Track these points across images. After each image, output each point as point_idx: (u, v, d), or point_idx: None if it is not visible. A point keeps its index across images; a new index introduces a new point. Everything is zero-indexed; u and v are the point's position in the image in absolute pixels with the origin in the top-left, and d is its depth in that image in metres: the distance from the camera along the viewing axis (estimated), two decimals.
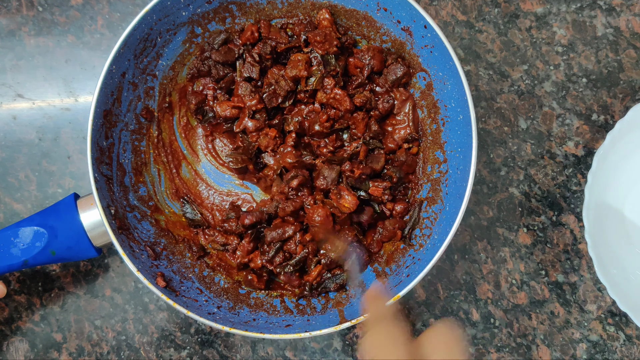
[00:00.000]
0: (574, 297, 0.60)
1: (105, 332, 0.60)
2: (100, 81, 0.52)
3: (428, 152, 0.58)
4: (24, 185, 0.62)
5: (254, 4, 0.58)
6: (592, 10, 0.63)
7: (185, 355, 0.60)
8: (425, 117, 0.58)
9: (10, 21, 0.64)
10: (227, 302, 0.55)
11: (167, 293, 0.51)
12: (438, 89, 0.56)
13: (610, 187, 0.59)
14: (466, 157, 0.52)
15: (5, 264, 0.52)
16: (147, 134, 0.58)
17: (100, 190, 0.51)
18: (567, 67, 0.63)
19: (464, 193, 0.51)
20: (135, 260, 0.51)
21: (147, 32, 0.54)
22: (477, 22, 0.63)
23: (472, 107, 0.51)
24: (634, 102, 0.62)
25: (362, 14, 0.58)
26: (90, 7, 0.64)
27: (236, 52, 0.58)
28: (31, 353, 0.60)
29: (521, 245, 0.61)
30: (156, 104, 0.59)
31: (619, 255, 0.58)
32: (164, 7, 0.53)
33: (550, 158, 0.62)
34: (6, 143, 0.63)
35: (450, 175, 0.55)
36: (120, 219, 0.53)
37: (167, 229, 0.58)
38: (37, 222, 0.53)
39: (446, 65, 0.53)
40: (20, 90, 0.63)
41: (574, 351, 0.59)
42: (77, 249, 0.53)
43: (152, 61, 0.57)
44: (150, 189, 0.58)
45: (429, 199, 0.57)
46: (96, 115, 0.52)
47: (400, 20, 0.55)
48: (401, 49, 0.58)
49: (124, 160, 0.56)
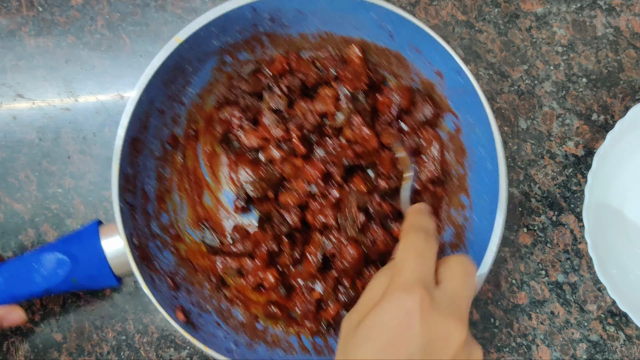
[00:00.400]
0: (574, 297, 0.60)
1: (105, 332, 0.60)
2: (131, 109, 0.51)
3: (453, 196, 0.57)
4: (24, 185, 0.62)
5: (286, 35, 0.57)
6: (592, 10, 0.63)
7: (186, 355, 0.60)
8: (452, 160, 0.57)
9: (10, 21, 0.64)
10: (245, 337, 0.54)
11: (186, 328, 0.50)
12: (467, 133, 0.55)
13: (610, 187, 0.59)
14: (493, 207, 0.50)
15: (26, 292, 0.51)
16: (171, 161, 0.58)
17: (124, 220, 0.50)
18: (567, 67, 0.63)
19: (487, 245, 0.49)
20: (156, 293, 0.50)
21: (178, 60, 0.53)
22: (477, 22, 0.63)
23: (502, 159, 0.49)
24: (634, 102, 0.62)
25: (394, 52, 0.56)
26: (90, 7, 0.64)
27: (264, 83, 0.58)
28: (31, 353, 0.60)
29: (521, 245, 0.61)
30: (182, 131, 0.58)
31: (619, 255, 0.58)
32: (197, 37, 0.53)
33: (550, 158, 0.62)
34: (6, 143, 0.63)
35: (475, 223, 0.54)
36: (143, 248, 0.52)
37: (187, 258, 0.57)
38: (60, 249, 0.51)
39: (477, 112, 0.51)
40: (20, 90, 0.63)
41: (574, 351, 0.59)
42: (98, 278, 0.52)
43: (181, 89, 0.56)
44: (172, 216, 0.57)
45: (451, 243, 0.56)
46: (124, 143, 0.51)
47: (431, 61, 0.54)
48: (431, 89, 0.57)
49: (148, 187, 0.55)
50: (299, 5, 0.54)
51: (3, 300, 0.51)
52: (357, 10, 0.53)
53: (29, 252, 0.52)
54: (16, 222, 0.61)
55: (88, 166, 0.62)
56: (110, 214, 0.62)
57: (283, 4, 0.54)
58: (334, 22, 0.56)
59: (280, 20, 0.55)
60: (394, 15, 0.52)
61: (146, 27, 0.64)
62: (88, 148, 0.62)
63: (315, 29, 0.57)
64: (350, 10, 0.54)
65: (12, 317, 0.52)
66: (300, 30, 0.57)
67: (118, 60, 0.64)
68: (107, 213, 0.61)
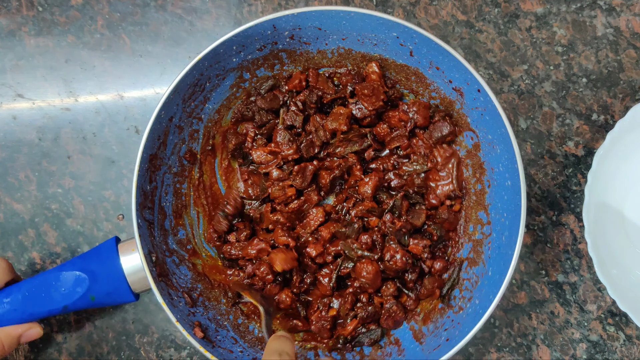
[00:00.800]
0: (574, 297, 0.60)
1: (105, 332, 0.60)
2: (149, 126, 0.51)
3: (471, 212, 0.57)
4: (24, 185, 0.62)
5: (304, 52, 0.58)
6: (592, 10, 0.63)
7: (186, 355, 0.60)
8: (470, 176, 0.57)
9: (10, 21, 0.64)
10: (262, 353, 0.54)
11: (204, 344, 0.50)
12: (486, 151, 0.55)
13: (610, 187, 0.59)
14: (513, 225, 0.50)
15: (46, 309, 0.52)
16: (189, 176, 0.58)
17: (142, 236, 0.50)
18: (567, 67, 0.63)
19: (509, 263, 0.49)
20: (173, 309, 0.50)
21: (198, 77, 0.54)
22: (477, 22, 0.63)
23: (522, 177, 0.49)
24: (634, 102, 0.62)
25: (413, 69, 0.57)
26: (90, 7, 0.64)
27: (281, 100, 0.58)
28: (31, 353, 0.60)
29: (521, 245, 0.61)
30: (200, 146, 0.58)
31: (619, 255, 0.58)
32: (216, 54, 0.53)
33: (550, 158, 0.62)
34: (6, 143, 0.63)
35: (493, 239, 0.54)
36: (160, 264, 0.52)
37: (203, 273, 0.57)
38: (79, 266, 0.52)
39: (497, 130, 0.52)
40: (20, 90, 0.63)
41: (574, 351, 0.59)
42: (117, 295, 0.52)
43: (199, 105, 0.57)
44: (189, 232, 0.57)
45: (469, 259, 0.56)
46: (143, 160, 0.51)
47: (452, 80, 0.54)
48: (450, 107, 0.57)
49: (165, 203, 0.56)
50: (320, 22, 0.54)
51: (22, 319, 0.52)
52: (378, 28, 0.53)
53: (47, 271, 0.53)
54: (16, 222, 0.61)
55: (88, 166, 0.62)
56: (111, 214, 0.62)
57: (304, 22, 0.54)
58: (354, 40, 0.56)
59: (300, 37, 0.56)
60: (416, 34, 0.52)
61: (146, 27, 0.64)
62: (88, 148, 0.62)
63: (335, 45, 0.57)
64: (372, 29, 0.54)
65: (31, 334, 0.52)
66: (319, 48, 0.57)
67: (118, 60, 0.64)
68: (107, 213, 0.61)
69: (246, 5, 0.64)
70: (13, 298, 0.51)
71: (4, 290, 0.52)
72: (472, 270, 0.55)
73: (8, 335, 0.51)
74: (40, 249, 0.61)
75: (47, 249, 0.61)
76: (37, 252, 0.61)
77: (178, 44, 0.64)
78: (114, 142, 0.62)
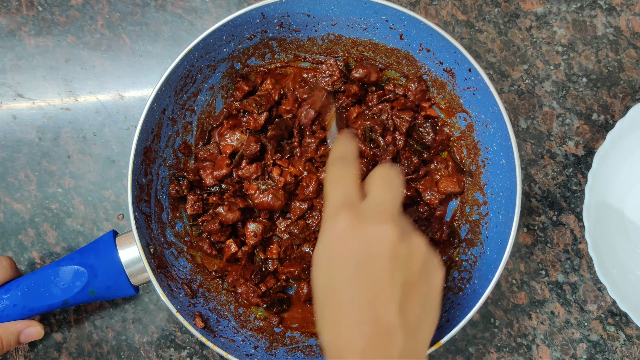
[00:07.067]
0: (574, 297, 0.60)
1: (105, 332, 0.60)
2: (142, 119, 0.51)
3: (467, 193, 0.57)
4: (24, 185, 0.62)
5: (294, 40, 0.58)
6: (592, 10, 0.63)
7: (186, 355, 0.60)
8: (465, 157, 0.57)
9: (10, 21, 0.64)
10: (264, 341, 0.55)
11: (205, 334, 0.50)
12: (479, 130, 0.55)
13: (610, 187, 0.59)
14: (509, 203, 0.51)
15: (45, 304, 0.52)
16: (184, 169, 0.58)
17: (139, 229, 0.51)
18: (567, 67, 0.63)
19: (507, 241, 0.49)
20: (173, 300, 0.50)
21: (189, 69, 0.54)
22: (477, 21, 0.63)
23: (516, 154, 0.50)
24: (634, 102, 0.62)
25: (404, 53, 0.57)
26: (90, 7, 0.64)
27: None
28: (31, 353, 0.60)
29: (521, 245, 0.61)
30: (194, 138, 0.59)
31: (619, 255, 0.58)
32: (207, 44, 0.53)
33: (550, 158, 0.62)
34: (6, 143, 0.63)
35: (490, 219, 0.54)
36: (159, 257, 0.53)
37: (202, 264, 0.57)
38: (77, 260, 0.52)
39: (490, 109, 0.52)
40: (20, 90, 0.63)
41: (574, 351, 0.59)
42: (116, 288, 0.52)
43: (192, 97, 0.57)
44: (186, 224, 0.58)
45: (467, 240, 0.56)
46: (137, 154, 0.51)
47: (443, 61, 0.54)
48: (442, 89, 0.57)
49: (162, 196, 0.56)
50: (308, 9, 0.54)
51: (22, 314, 0.52)
52: (367, 12, 0.54)
53: (46, 266, 0.53)
54: (16, 221, 0.61)
55: (88, 166, 0.62)
56: (111, 214, 0.62)
57: (292, 8, 0.54)
58: (343, 25, 0.56)
59: (289, 24, 0.56)
60: (405, 15, 0.52)
61: (146, 27, 0.64)
62: (88, 148, 0.62)
63: (324, 32, 0.57)
64: (360, 13, 0.54)
65: (31, 333, 0.52)
66: (309, 35, 0.57)
67: (118, 59, 0.64)
68: (107, 213, 0.61)
69: (246, 4, 0.64)
70: (12, 294, 0.52)
71: (3, 287, 0.52)
72: (471, 251, 0.55)
73: (7, 331, 0.51)
74: (40, 249, 0.61)
75: (47, 249, 0.61)
76: (37, 251, 0.61)
77: (178, 44, 0.64)
78: (114, 142, 0.63)
